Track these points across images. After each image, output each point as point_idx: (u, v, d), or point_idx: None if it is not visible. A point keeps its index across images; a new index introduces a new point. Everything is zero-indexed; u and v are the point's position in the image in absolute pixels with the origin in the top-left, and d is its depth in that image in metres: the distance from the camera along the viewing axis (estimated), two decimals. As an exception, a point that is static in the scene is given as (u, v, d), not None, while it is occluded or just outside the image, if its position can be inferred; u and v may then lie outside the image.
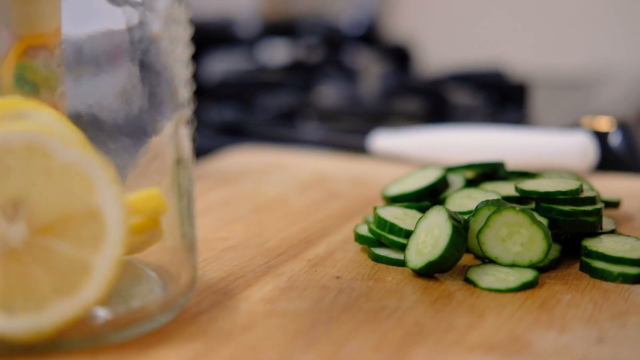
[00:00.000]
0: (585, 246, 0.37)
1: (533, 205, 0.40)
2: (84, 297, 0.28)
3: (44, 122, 0.29)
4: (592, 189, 0.41)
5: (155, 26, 0.31)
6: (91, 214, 0.28)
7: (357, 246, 0.41)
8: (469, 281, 0.35)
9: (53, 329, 0.28)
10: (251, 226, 0.44)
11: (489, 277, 0.35)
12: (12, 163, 0.27)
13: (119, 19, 0.31)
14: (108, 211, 0.28)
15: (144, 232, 0.31)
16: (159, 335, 0.30)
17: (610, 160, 0.57)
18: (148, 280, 0.32)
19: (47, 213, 0.27)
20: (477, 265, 0.37)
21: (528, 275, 0.35)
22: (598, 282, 0.36)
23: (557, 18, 1.26)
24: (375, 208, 0.40)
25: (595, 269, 0.36)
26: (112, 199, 0.28)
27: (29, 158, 0.27)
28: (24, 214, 0.27)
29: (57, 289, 0.27)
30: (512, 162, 0.56)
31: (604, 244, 0.37)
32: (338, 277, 0.36)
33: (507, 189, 0.42)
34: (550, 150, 0.56)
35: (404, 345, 0.30)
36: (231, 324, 0.31)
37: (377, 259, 0.38)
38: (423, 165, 0.59)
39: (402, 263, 0.37)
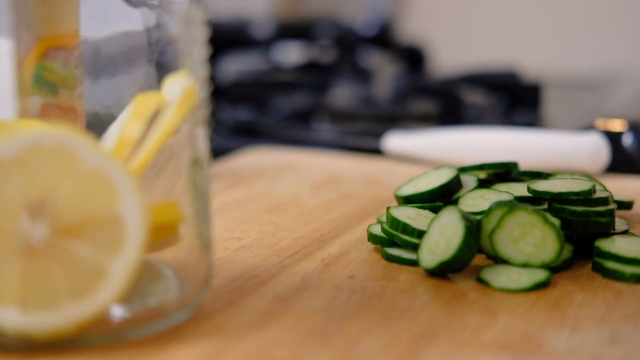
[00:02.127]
0: (597, 247, 0.37)
1: (546, 205, 0.40)
2: (98, 300, 0.28)
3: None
4: (604, 189, 0.41)
5: (173, 27, 0.31)
6: (113, 220, 0.28)
7: (370, 246, 0.41)
8: (481, 281, 0.36)
9: (66, 329, 0.28)
10: (265, 226, 0.45)
11: (501, 277, 0.36)
12: (41, 163, 0.27)
13: (136, 21, 0.31)
14: (130, 218, 0.28)
15: (161, 239, 0.32)
16: (175, 333, 0.31)
17: (622, 161, 0.57)
18: (165, 278, 0.33)
19: (70, 215, 0.28)
20: (489, 266, 0.37)
21: (540, 275, 0.35)
22: (610, 283, 0.36)
23: (570, 20, 1.26)
24: (388, 208, 0.40)
25: (607, 270, 0.36)
26: (135, 207, 0.28)
27: (58, 160, 0.27)
28: (48, 214, 0.27)
29: (73, 291, 0.28)
30: (525, 163, 0.56)
31: (616, 245, 0.37)
32: (351, 277, 0.37)
33: (519, 189, 0.42)
34: (563, 151, 0.56)
35: (417, 345, 0.30)
36: (246, 322, 0.32)
37: (390, 258, 0.39)
38: (436, 166, 0.59)
39: (415, 263, 0.37)
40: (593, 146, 0.55)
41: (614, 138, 0.57)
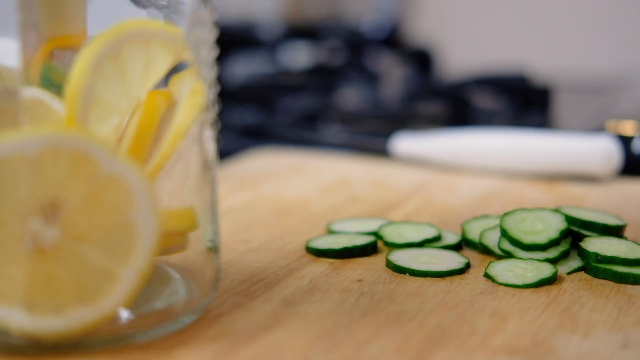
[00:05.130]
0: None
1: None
2: (104, 306, 0.28)
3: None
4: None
5: (181, 28, 0.31)
6: (126, 226, 0.28)
7: (379, 249, 0.41)
8: (487, 276, 0.36)
9: (70, 333, 0.28)
10: (272, 229, 0.44)
11: (507, 272, 0.36)
12: (56, 165, 0.27)
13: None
14: (142, 226, 0.28)
15: (171, 245, 0.31)
16: (182, 336, 0.30)
17: (634, 164, 0.56)
18: (172, 281, 0.32)
19: (82, 220, 0.27)
20: (496, 261, 0.37)
21: (546, 271, 0.36)
22: (622, 287, 0.35)
23: (582, 21, 1.25)
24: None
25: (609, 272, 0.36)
26: (149, 214, 0.28)
27: (74, 163, 0.27)
28: (60, 217, 0.27)
29: (79, 296, 0.28)
30: (536, 167, 0.56)
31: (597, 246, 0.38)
32: (359, 280, 0.36)
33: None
34: (574, 154, 0.55)
35: (426, 349, 0.30)
36: (253, 325, 0.31)
37: (394, 267, 0.38)
38: (444, 168, 0.59)
39: (419, 274, 0.37)
40: (604, 149, 0.55)
41: (625, 141, 0.57)
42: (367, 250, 0.40)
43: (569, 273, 0.37)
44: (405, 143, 0.61)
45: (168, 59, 0.31)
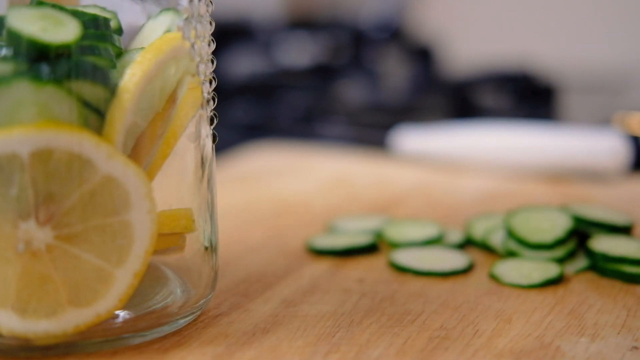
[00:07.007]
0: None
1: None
2: (98, 308, 0.28)
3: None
4: None
5: (178, 22, 0.30)
6: (122, 227, 0.27)
7: (381, 248, 0.40)
8: (492, 276, 0.35)
9: (64, 335, 0.27)
10: (272, 228, 0.44)
11: (512, 272, 0.35)
12: (53, 167, 0.26)
13: (140, 16, 0.31)
14: (138, 226, 0.27)
15: (167, 246, 0.31)
16: (179, 338, 0.30)
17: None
18: (168, 281, 0.32)
19: (77, 220, 0.27)
20: (501, 261, 0.37)
21: (552, 271, 0.35)
22: (631, 288, 0.35)
23: (589, 14, 1.24)
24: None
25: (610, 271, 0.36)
26: (145, 215, 0.27)
27: (71, 165, 0.26)
28: (54, 217, 0.27)
29: (73, 299, 0.27)
30: (541, 162, 0.55)
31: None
32: (361, 280, 0.36)
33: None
34: (581, 150, 0.55)
35: (429, 351, 0.29)
36: (251, 326, 0.31)
37: (396, 267, 0.37)
38: (447, 165, 0.58)
39: (422, 273, 0.36)
40: (612, 145, 0.54)
41: (633, 137, 0.56)
42: (368, 250, 0.39)
43: (576, 273, 0.36)
44: (407, 137, 0.60)
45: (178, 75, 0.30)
